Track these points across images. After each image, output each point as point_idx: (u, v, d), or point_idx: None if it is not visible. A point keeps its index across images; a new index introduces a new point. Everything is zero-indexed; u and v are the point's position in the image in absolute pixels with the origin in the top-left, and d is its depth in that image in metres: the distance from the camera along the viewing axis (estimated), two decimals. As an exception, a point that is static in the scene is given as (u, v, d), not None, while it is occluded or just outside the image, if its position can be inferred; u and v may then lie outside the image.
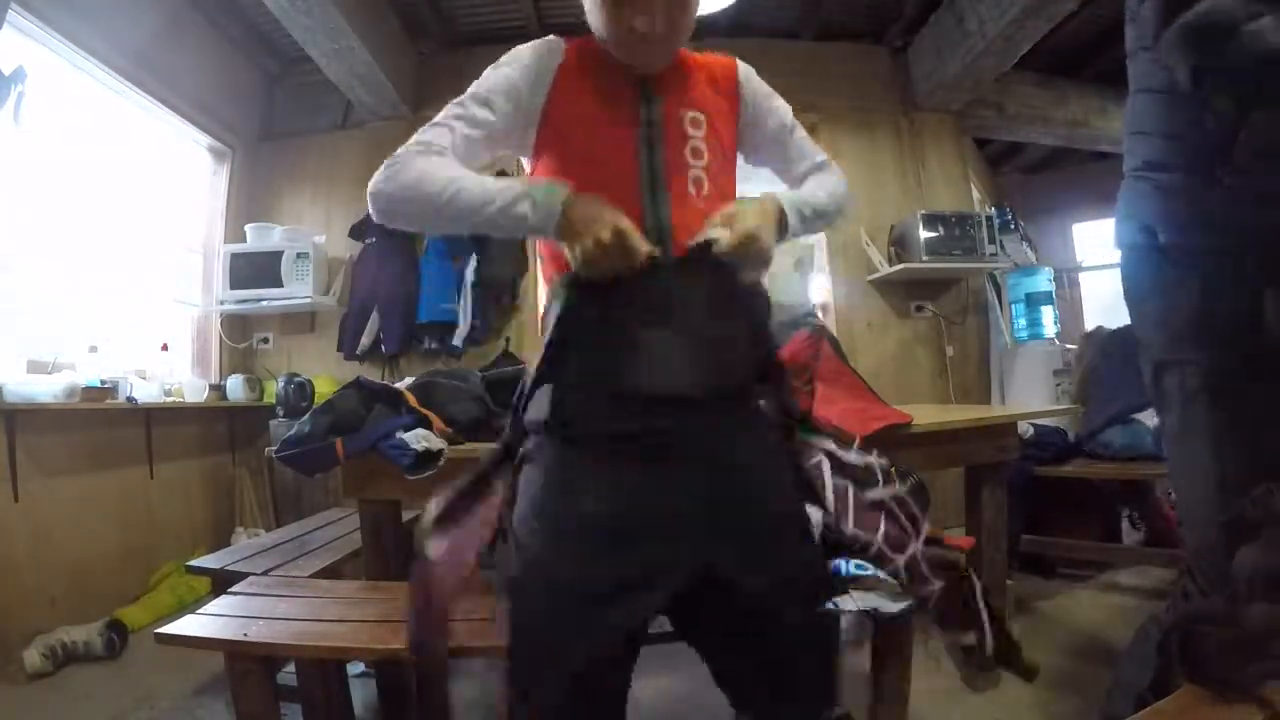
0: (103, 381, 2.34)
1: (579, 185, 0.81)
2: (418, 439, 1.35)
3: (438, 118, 0.88)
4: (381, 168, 0.83)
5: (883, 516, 1.00)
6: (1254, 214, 0.90)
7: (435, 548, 0.82)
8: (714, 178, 0.89)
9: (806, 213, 0.93)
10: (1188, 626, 0.94)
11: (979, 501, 1.68)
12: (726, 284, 0.83)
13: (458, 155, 0.86)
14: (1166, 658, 0.96)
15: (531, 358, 0.87)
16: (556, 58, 0.91)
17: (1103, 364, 2.54)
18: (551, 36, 0.93)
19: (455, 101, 0.90)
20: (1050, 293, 3.53)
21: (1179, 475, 0.99)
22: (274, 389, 2.96)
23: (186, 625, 1.14)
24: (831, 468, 1.01)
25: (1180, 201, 0.97)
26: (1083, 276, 5.22)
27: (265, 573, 1.58)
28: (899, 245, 3.37)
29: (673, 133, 0.88)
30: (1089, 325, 5.08)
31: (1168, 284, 0.98)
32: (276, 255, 3.15)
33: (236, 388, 3.06)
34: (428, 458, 1.34)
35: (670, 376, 0.77)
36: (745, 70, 1.01)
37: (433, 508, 0.84)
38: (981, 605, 1.07)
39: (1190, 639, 0.93)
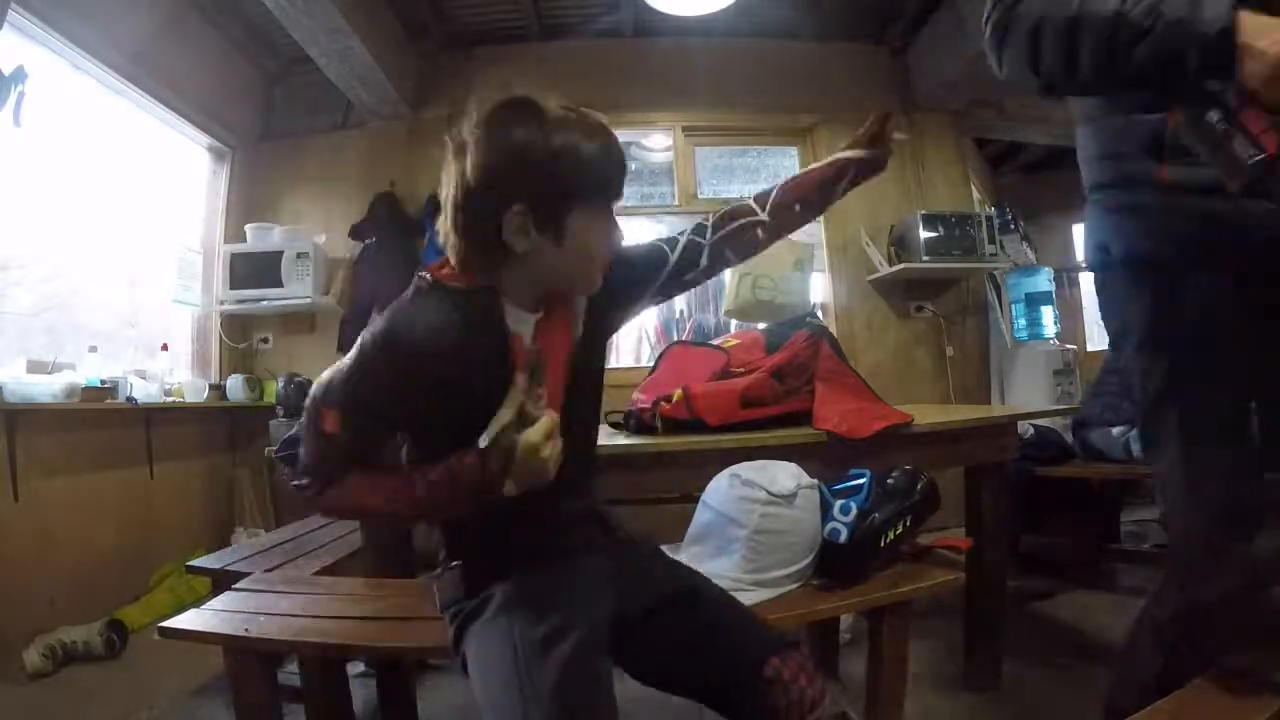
0: (103, 381, 2.34)
1: None
2: (418, 439, 1.35)
3: None
4: None
5: None
6: (1184, 210, 0.93)
7: None
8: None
9: None
10: (1194, 614, 0.95)
11: (979, 501, 1.68)
12: None
13: None
14: (1170, 648, 0.97)
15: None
16: None
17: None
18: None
19: None
20: (1050, 293, 3.52)
21: (1158, 474, 1.02)
22: (274, 389, 2.96)
23: (188, 620, 1.13)
24: None
25: (1121, 215, 1.00)
26: (1083, 276, 5.21)
27: (266, 572, 1.58)
28: (899, 245, 3.37)
29: None
30: (1089, 325, 5.10)
31: (1123, 298, 1.01)
32: (276, 255, 3.15)
33: (236, 388, 3.06)
34: (428, 457, 1.34)
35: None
36: None
37: None
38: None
39: (1199, 627, 0.94)
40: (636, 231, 3.91)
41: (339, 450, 0.83)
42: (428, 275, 0.87)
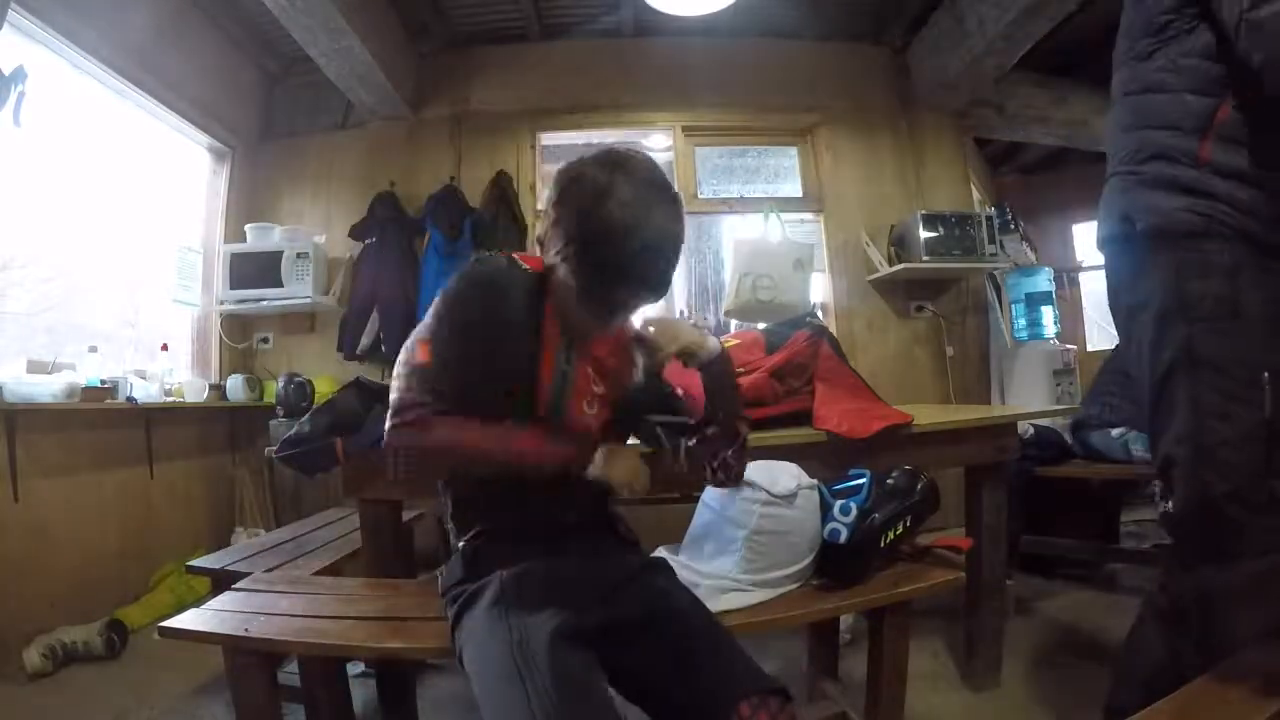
0: (103, 381, 2.34)
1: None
2: (418, 439, 1.35)
3: None
4: None
5: None
6: (1219, 189, 0.95)
7: None
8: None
9: None
10: (1207, 598, 0.94)
11: (979, 501, 1.68)
12: None
13: None
14: (1176, 636, 0.96)
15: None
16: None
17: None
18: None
19: None
20: (1050, 293, 3.52)
21: (1165, 449, 1.00)
22: (274, 389, 2.95)
23: (188, 620, 1.13)
24: None
25: (1156, 188, 1.00)
26: (1083, 276, 5.22)
27: (266, 572, 1.58)
28: (899, 245, 3.37)
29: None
30: (1089, 325, 5.10)
31: (1144, 268, 1.02)
32: (276, 255, 3.14)
33: (236, 388, 3.06)
34: (428, 457, 1.34)
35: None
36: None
37: None
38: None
39: (1211, 612, 0.93)
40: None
41: (430, 379, 0.90)
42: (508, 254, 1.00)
